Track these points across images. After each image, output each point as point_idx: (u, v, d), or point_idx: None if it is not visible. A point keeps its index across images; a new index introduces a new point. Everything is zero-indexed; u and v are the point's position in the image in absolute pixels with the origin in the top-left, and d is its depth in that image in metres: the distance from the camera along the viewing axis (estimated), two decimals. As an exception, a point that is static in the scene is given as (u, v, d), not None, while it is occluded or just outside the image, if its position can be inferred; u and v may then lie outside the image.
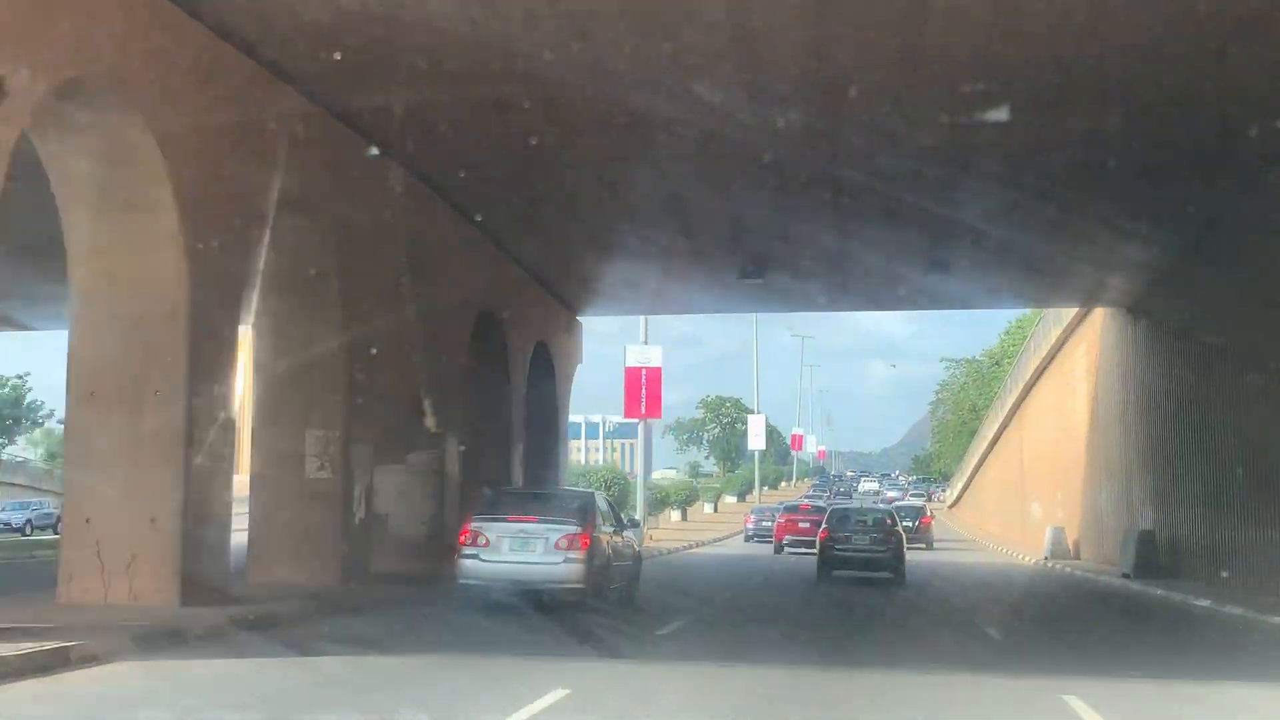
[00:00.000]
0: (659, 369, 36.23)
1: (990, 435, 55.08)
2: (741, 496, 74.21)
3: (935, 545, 42.89)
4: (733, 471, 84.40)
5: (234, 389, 13.98)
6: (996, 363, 67.16)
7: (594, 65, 13.65)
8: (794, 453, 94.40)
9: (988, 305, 32.00)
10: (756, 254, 22.73)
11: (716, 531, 46.61)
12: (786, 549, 35.47)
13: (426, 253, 19.03)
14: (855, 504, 44.54)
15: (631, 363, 36.11)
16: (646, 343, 36.85)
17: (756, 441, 67.67)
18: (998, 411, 52.31)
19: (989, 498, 57.21)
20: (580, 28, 12.58)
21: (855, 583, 22.33)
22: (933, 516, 49.80)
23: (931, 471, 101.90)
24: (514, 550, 15.23)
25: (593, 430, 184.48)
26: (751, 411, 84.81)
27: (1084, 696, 9.09)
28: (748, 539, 42.88)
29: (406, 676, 9.58)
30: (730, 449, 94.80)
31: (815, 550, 26.34)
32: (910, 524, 40.62)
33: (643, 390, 36.26)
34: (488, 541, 15.29)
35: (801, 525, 36.20)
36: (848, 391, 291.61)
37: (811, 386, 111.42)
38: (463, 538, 15.47)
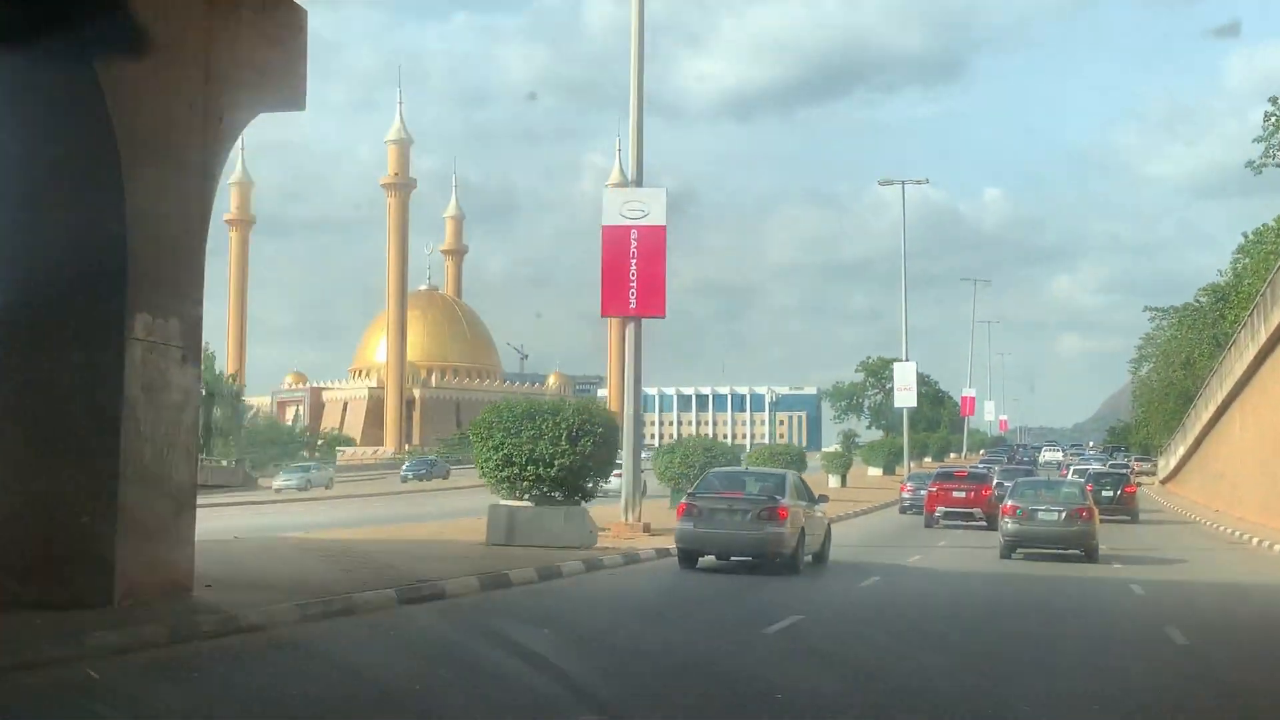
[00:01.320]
0: (661, 230, 24.97)
1: (1227, 389, 43.33)
2: (889, 469, 61.02)
3: (1142, 518, 39.62)
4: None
5: None
6: (1223, 298, 51.87)
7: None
8: (965, 418, 78.88)
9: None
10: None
11: (859, 503, 42.26)
12: (941, 520, 32.96)
13: None
14: (1043, 476, 40.42)
15: (612, 219, 24.89)
16: (636, 179, 25.60)
17: (904, 397, 55.38)
18: (1240, 355, 37.26)
19: (1238, 469, 41.46)
20: None
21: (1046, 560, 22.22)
22: (1137, 485, 46.25)
23: (1130, 443, 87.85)
24: (723, 519, 18.51)
25: (758, 402, 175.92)
26: (934, 381, 71.91)
27: None
28: (903, 510, 39.84)
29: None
30: (895, 416, 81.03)
31: (973, 522, 28.96)
32: (1110, 493, 38.69)
33: (632, 266, 24.77)
34: (701, 512, 18.65)
35: (956, 495, 33.35)
36: (1036, 366, 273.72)
37: (989, 349, 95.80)
38: (680, 510, 19.27)
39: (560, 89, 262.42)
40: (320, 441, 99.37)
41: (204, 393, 76.14)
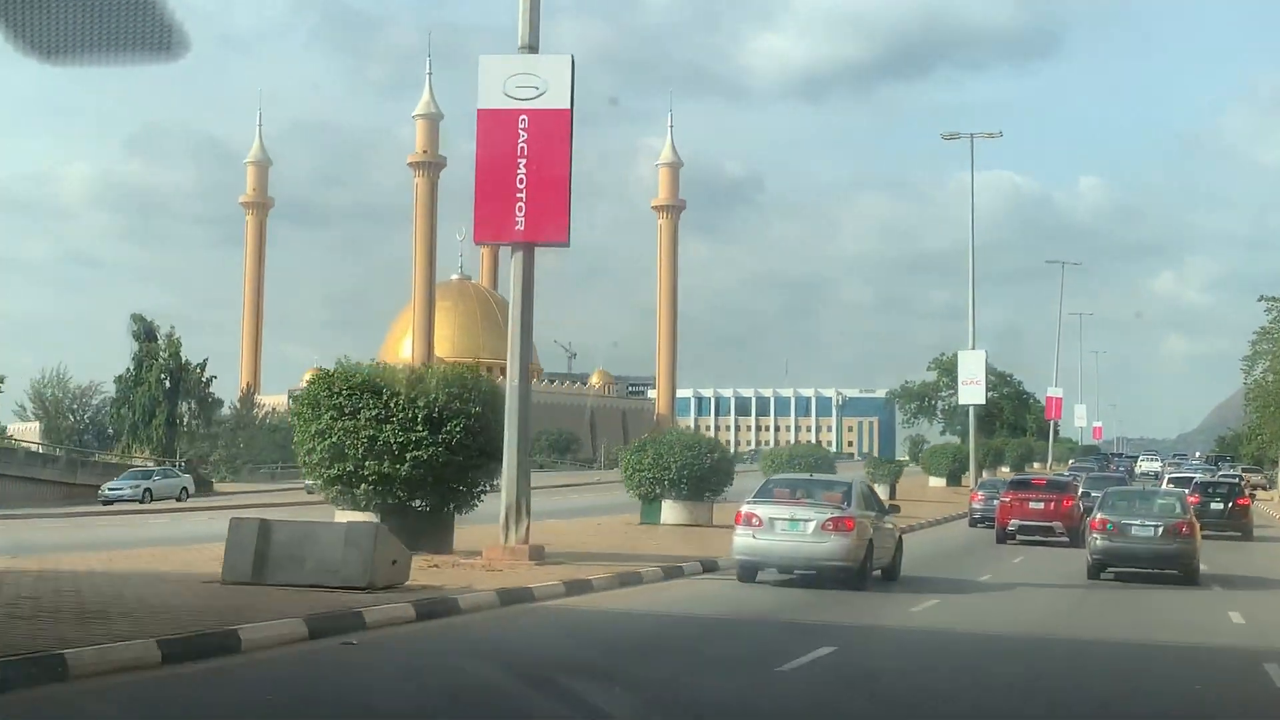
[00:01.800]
0: (564, 116, 19.10)
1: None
2: (953, 479, 54.79)
3: (1256, 535, 37.00)
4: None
5: None
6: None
7: None
8: (1051, 422, 71.50)
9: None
10: None
11: (914, 517, 38.05)
12: (1016, 534, 30.88)
13: None
14: (1137, 486, 39.69)
15: (493, 100, 19.01)
16: (527, 41, 19.37)
17: (971, 392, 49.86)
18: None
19: None
20: None
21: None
22: (1251, 498, 43.06)
23: (1241, 454, 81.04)
24: (785, 531, 18.58)
25: (824, 406, 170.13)
26: (1017, 382, 64.24)
27: None
28: (974, 522, 37.53)
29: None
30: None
31: (1053, 537, 29.32)
32: (1220, 505, 36.48)
33: (520, 170, 18.89)
34: (761, 522, 18.64)
35: (1033, 505, 31.46)
36: (1137, 371, 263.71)
37: (1079, 346, 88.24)
38: (738, 518, 18.98)
39: (615, 66, 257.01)
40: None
41: (165, 383, 73.51)
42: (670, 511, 30.67)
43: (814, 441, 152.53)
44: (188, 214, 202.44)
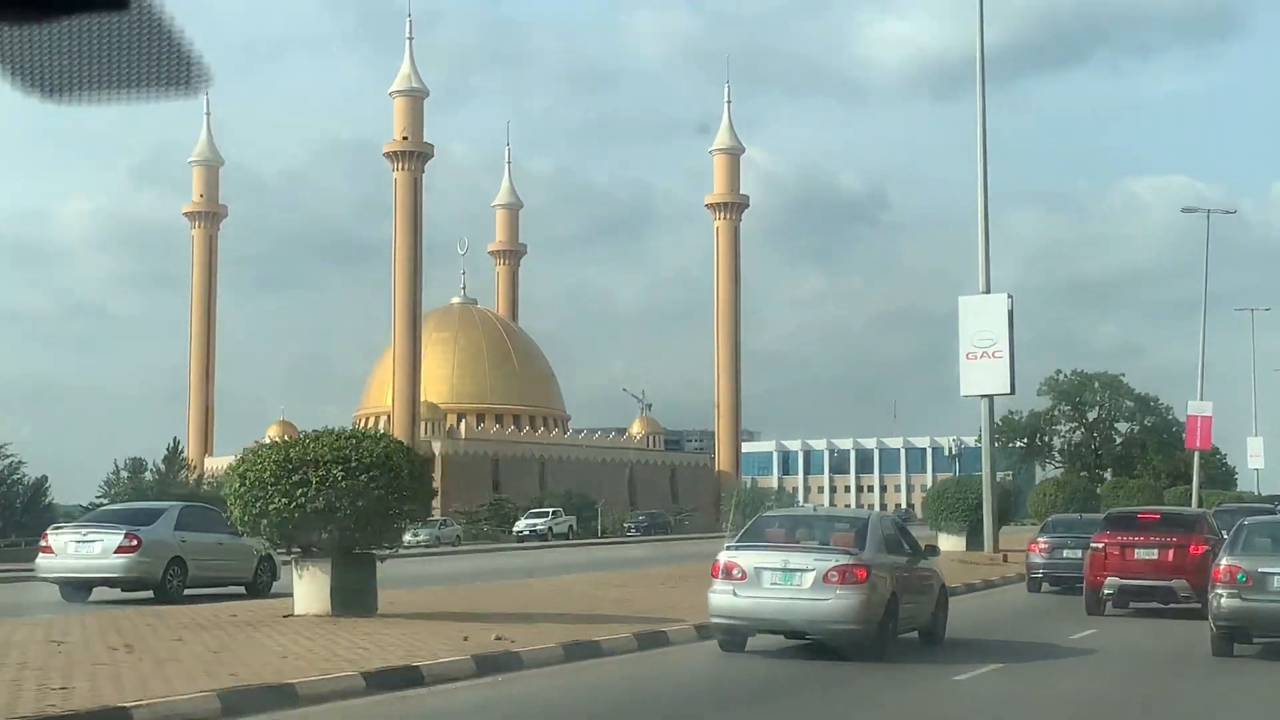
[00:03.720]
0: None
1: None
2: (974, 538, 44.69)
3: None
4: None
5: None
6: None
7: None
8: (1193, 452, 59.95)
9: None
10: None
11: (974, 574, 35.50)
12: (1116, 599, 26.73)
13: None
14: None
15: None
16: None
17: (980, 375, 40.90)
18: None
19: None
20: None
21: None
22: None
23: None
24: (776, 584, 17.42)
25: (941, 459, 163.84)
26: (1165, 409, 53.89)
27: None
28: (1034, 584, 32.59)
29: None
30: (1105, 456, 64.73)
31: (1174, 601, 25.65)
32: None
33: None
34: (745, 574, 17.48)
35: (1140, 556, 26.71)
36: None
37: (1254, 351, 77.16)
38: (715, 569, 18.02)
39: (705, 63, 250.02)
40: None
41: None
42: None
43: (903, 505, 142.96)
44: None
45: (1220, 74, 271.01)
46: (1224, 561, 19.47)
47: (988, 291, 42.13)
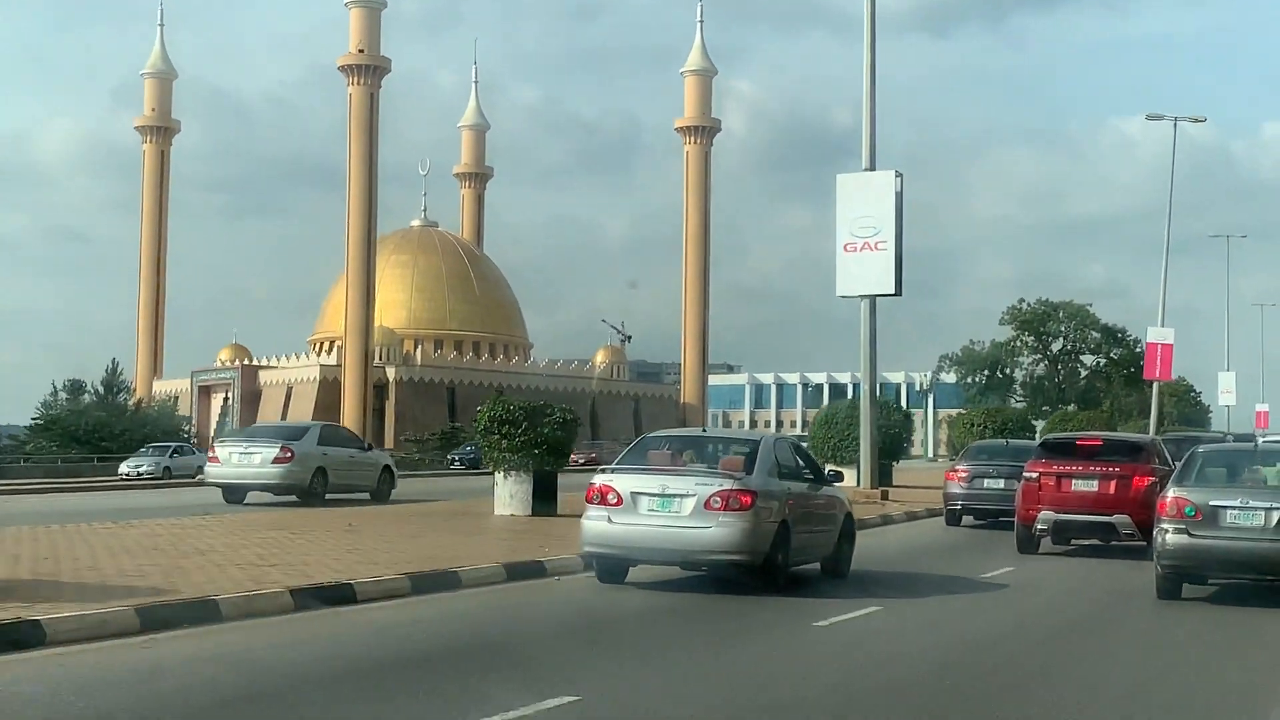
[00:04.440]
0: None
1: None
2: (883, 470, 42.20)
3: None
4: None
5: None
6: None
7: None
8: (1151, 383, 56.68)
9: None
10: None
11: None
12: (1050, 535, 24.20)
13: None
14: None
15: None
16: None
17: (856, 273, 36.96)
18: None
19: None
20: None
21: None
22: None
23: None
24: (653, 511, 16.36)
25: (916, 397, 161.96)
26: (1133, 341, 50.99)
27: None
28: (953, 518, 30.21)
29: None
30: (1069, 390, 61.95)
31: (1117, 538, 23.59)
32: None
33: None
34: (620, 499, 16.46)
35: (1078, 488, 24.00)
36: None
37: (1261, 331, 73.98)
38: (590, 493, 16.90)
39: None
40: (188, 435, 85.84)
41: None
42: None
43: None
44: (186, 178, 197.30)
45: (1211, 13, 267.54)
46: (1171, 493, 17.62)
47: (872, 168, 34.50)
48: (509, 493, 27.85)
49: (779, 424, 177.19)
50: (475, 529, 25.17)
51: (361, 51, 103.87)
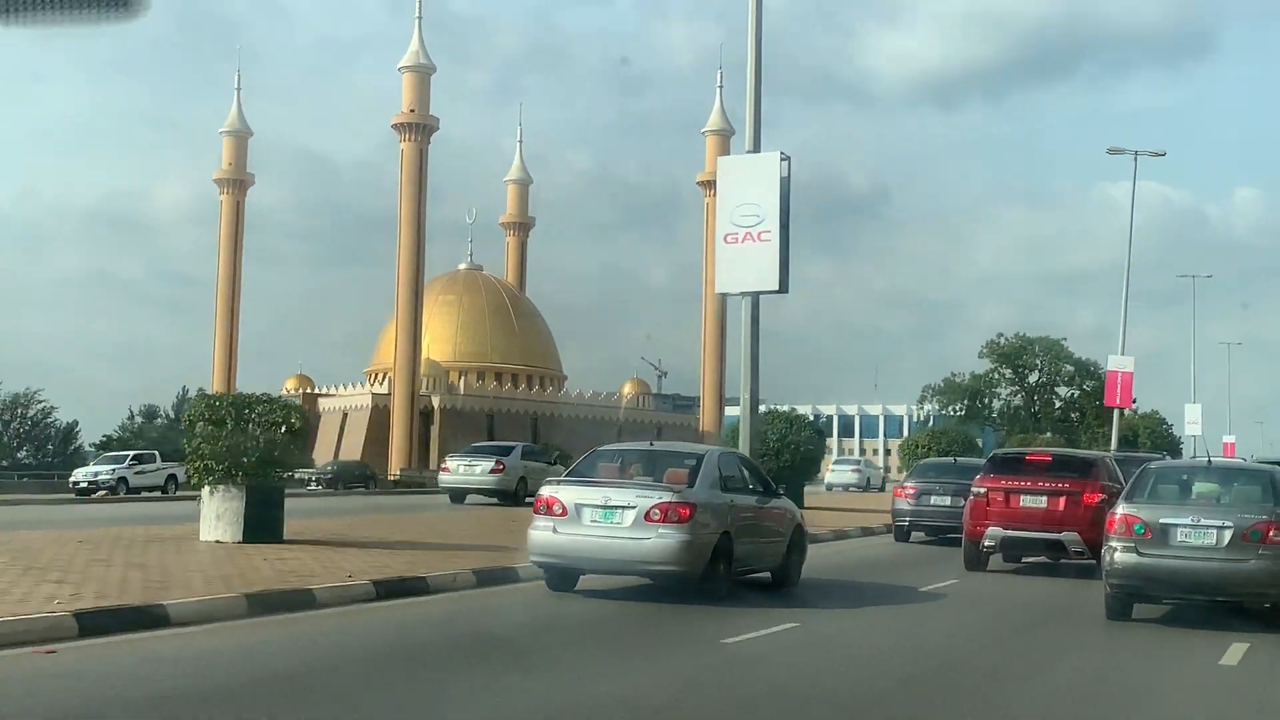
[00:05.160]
0: None
1: None
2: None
3: None
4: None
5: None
6: None
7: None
8: (1113, 410, 53.83)
9: None
10: None
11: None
12: (998, 551, 21.87)
13: None
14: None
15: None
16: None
17: (738, 269, 32.41)
18: None
19: None
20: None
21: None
22: None
23: None
24: (596, 522, 15.37)
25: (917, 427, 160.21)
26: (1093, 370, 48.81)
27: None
28: (902, 534, 28.26)
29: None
30: (1044, 420, 59.58)
31: (1066, 556, 21.34)
32: None
33: None
34: (565, 510, 15.52)
35: (1026, 504, 21.50)
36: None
37: (1229, 374, 71.29)
38: (537, 505, 16.11)
39: (727, 69, 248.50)
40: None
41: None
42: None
43: (881, 467, 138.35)
44: (280, 228, 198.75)
45: (1190, 90, 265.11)
46: (1120, 510, 15.70)
47: (756, 150, 27.51)
48: (215, 512, 20.68)
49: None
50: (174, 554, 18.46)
51: (412, 111, 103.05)
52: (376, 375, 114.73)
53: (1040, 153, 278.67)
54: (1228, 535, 14.97)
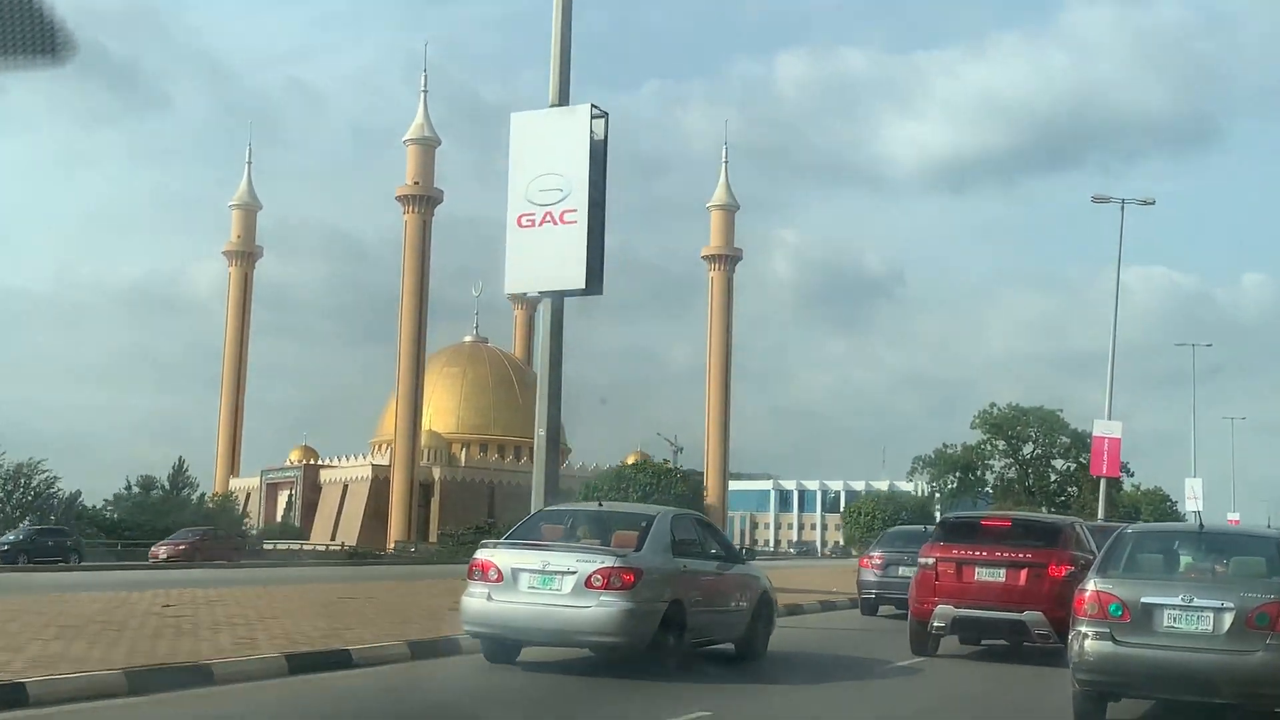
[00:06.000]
0: None
1: None
2: None
3: None
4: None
5: None
6: None
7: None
8: (1100, 480, 49.64)
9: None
10: None
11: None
12: (949, 633, 18.11)
13: None
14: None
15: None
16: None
17: (531, 265, 25.52)
18: None
19: None
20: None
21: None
22: None
23: None
24: (534, 588, 13.68)
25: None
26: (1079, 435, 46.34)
27: None
28: (869, 607, 25.61)
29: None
30: (1038, 493, 56.75)
31: (1028, 640, 17.47)
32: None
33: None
34: (501, 575, 13.81)
35: (982, 578, 17.91)
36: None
37: (1233, 452, 68.31)
38: (471, 569, 14.29)
39: (746, 155, 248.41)
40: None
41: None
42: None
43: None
44: (311, 306, 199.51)
45: (1197, 178, 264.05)
46: (1092, 586, 11.97)
47: (564, 103, 20.46)
48: None
49: (800, 526, 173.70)
50: None
51: (416, 183, 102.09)
52: (380, 446, 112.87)
53: (1051, 236, 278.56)
54: (1228, 619, 11.49)
